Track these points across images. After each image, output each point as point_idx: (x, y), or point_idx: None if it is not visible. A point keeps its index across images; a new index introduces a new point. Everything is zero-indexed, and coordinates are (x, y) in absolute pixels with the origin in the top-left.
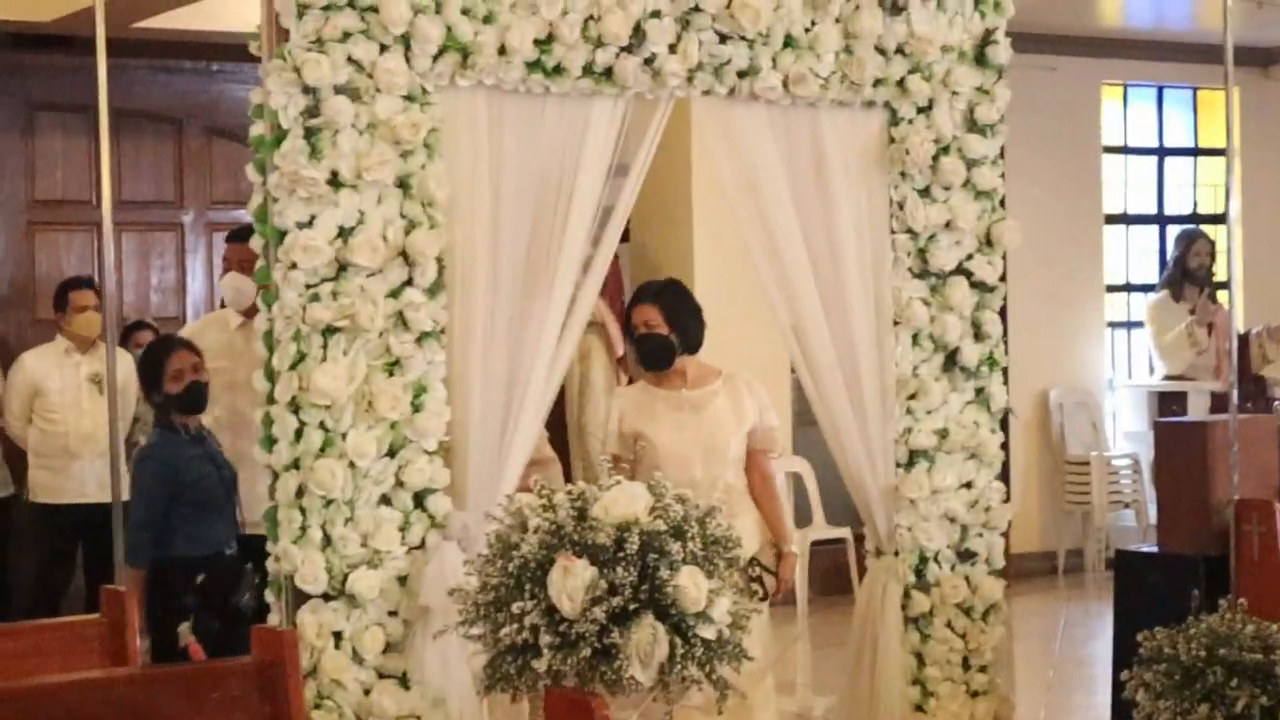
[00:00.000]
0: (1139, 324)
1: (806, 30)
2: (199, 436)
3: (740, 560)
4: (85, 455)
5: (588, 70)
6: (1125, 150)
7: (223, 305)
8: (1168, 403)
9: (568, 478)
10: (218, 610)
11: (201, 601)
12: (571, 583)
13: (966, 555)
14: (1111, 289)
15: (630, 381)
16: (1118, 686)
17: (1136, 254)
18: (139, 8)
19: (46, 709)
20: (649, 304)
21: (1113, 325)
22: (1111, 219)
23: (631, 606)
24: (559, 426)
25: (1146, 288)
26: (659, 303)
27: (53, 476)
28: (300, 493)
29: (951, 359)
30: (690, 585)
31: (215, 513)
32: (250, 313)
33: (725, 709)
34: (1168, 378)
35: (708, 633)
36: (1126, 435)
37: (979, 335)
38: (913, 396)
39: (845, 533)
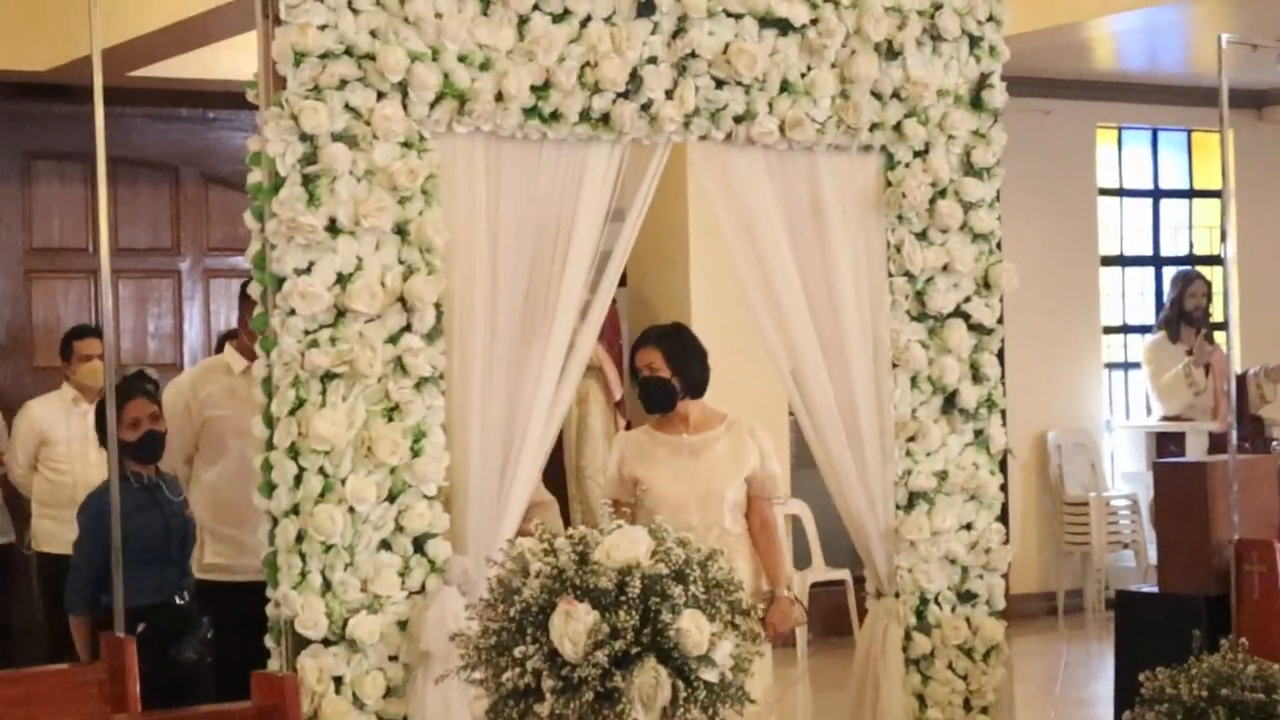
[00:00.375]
0: (1136, 365)
1: (802, 75)
2: (152, 485)
3: (741, 605)
4: None
5: (584, 116)
6: (1121, 192)
7: (219, 349)
8: (1165, 443)
9: (566, 520)
10: (155, 660)
11: (139, 650)
12: (573, 627)
13: (967, 596)
14: (1108, 330)
15: (629, 426)
16: None
17: (1133, 295)
18: (135, 56)
19: None
20: (652, 347)
21: (1110, 366)
22: (1107, 260)
23: (634, 650)
24: (556, 470)
25: (1143, 329)
26: (662, 346)
27: (59, 527)
28: (300, 538)
29: (950, 401)
30: (692, 628)
31: (159, 563)
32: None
33: None
34: (1165, 418)
35: (710, 675)
36: (1125, 476)
37: (977, 377)
38: (912, 439)
39: (845, 574)
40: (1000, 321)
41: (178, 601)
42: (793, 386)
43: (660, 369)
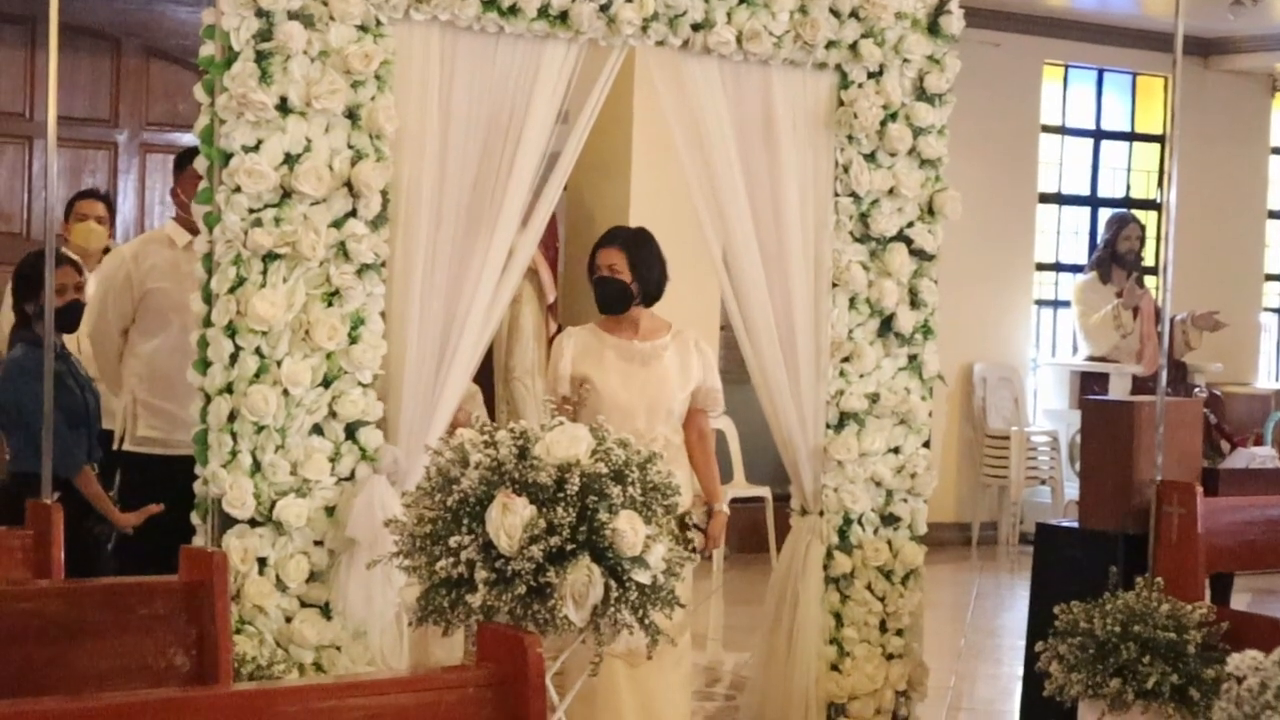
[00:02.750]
0: (1065, 304)
1: None
2: (64, 354)
3: (677, 509)
4: None
5: (543, 12)
6: (1063, 130)
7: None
8: (1089, 383)
9: (491, 417)
10: (70, 532)
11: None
12: (510, 520)
13: (890, 520)
14: (1041, 267)
15: (559, 329)
16: (1031, 657)
17: (1067, 234)
18: None
19: None
20: (616, 248)
21: (1040, 303)
22: (1045, 198)
23: (569, 547)
24: (485, 370)
25: (1075, 268)
26: (626, 249)
27: None
28: (232, 417)
29: (887, 324)
30: (628, 529)
31: (81, 430)
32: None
33: (653, 655)
34: (1091, 358)
35: (643, 577)
36: (1047, 413)
37: (915, 302)
38: (846, 359)
39: (765, 492)
40: None
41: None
42: (732, 300)
43: (621, 271)
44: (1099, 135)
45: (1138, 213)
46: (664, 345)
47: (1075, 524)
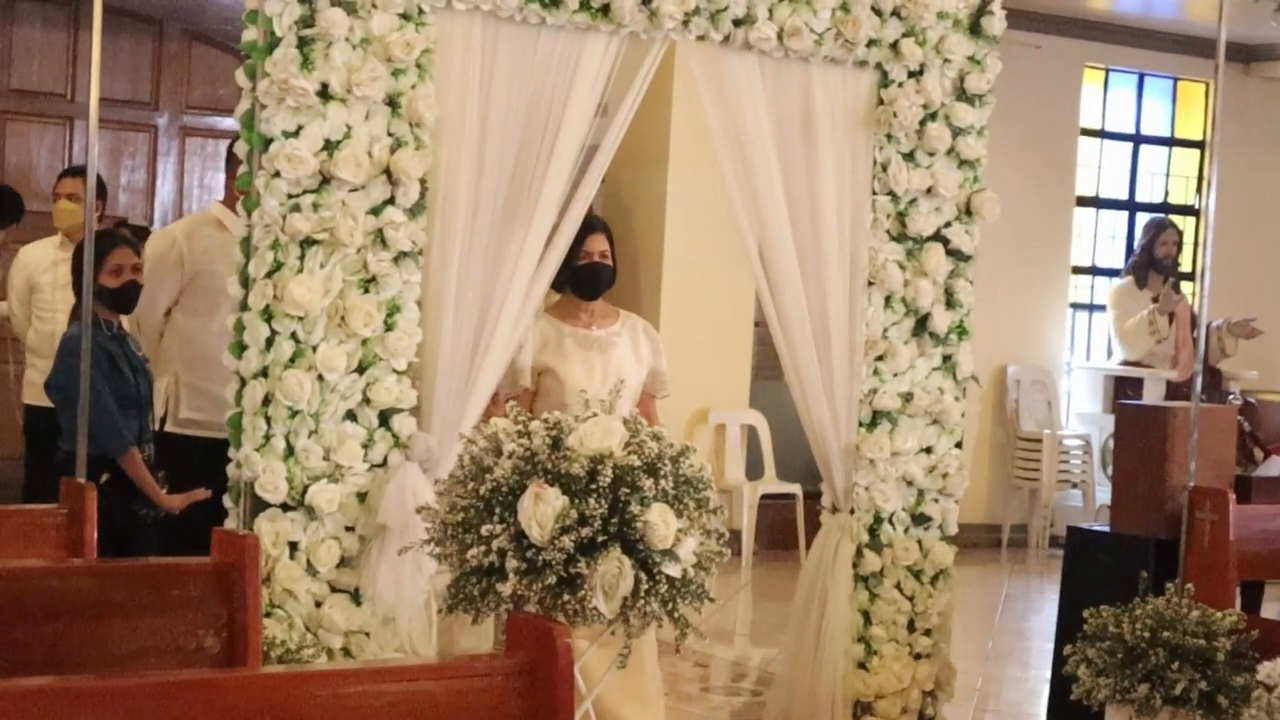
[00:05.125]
0: (1101, 307)
1: None
2: (119, 336)
3: (709, 503)
4: None
5: (584, 4)
6: (1102, 134)
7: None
8: (1123, 388)
9: None
10: (116, 513)
11: (102, 503)
12: (542, 510)
13: (920, 519)
14: (1077, 270)
15: None
16: (1059, 660)
17: (1104, 238)
18: None
19: (2, 593)
20: (601, 234)
21: (1075, 307)
22: (1083, 201)
23: (600, 538)
24: None
25: (1112, 272)
26: (608, 234)
27: (40, 377)
28: (267, 401)
29: (922, 324)
30: (659, 522)
31: (134, 411)
32: None
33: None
34: (1125, 363)
35: (673, 570)
36: (1080, 416)
37: (951, 303)
38: (880, 358)
39: (795, 489)
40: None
41: (143, 454)
42: (767, 296)
43: (609, 256)
44: (1138, 139)
45: (1176, 218)
46: (617, 331)
47: (1106, 528)
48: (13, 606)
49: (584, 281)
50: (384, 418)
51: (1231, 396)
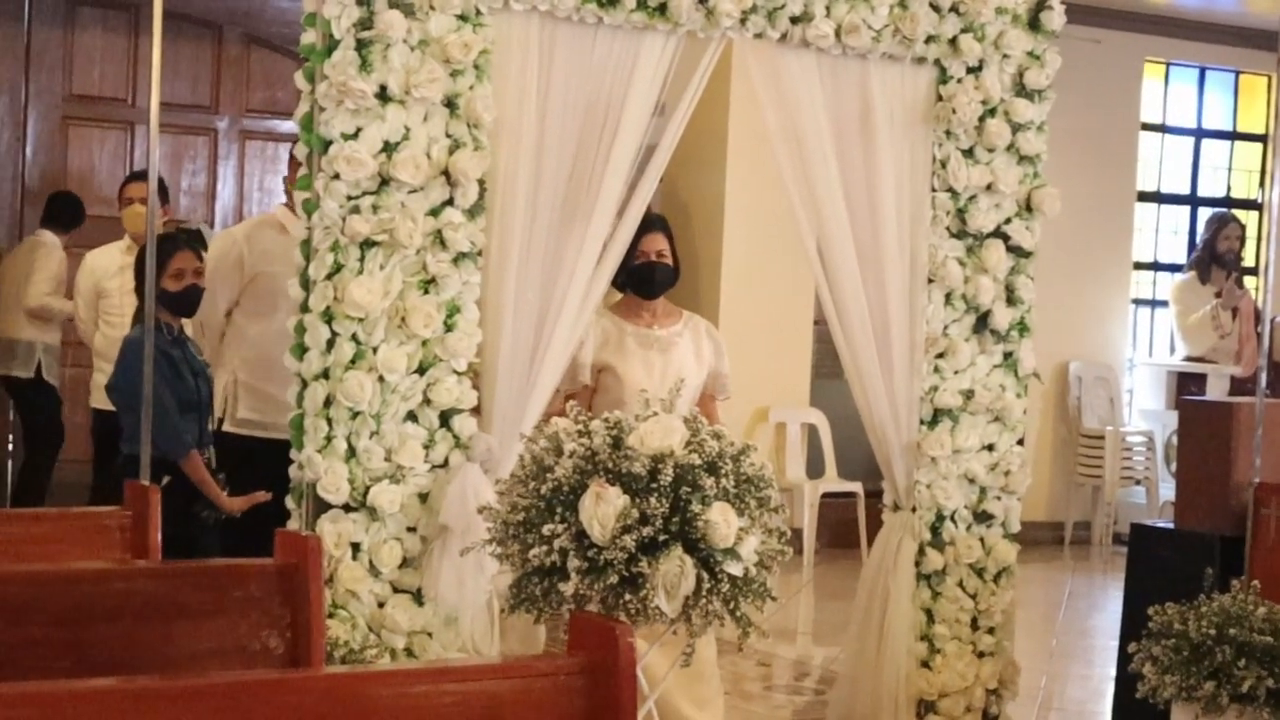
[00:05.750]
0: (1163, 303)
1: None
2: (180, 340)
3: (770, 502)
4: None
5: (641, 4)
6: (1163, 129)
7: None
8: (1186, 383)
9: None
10: (178, 516)
11: (164, 505)
12: (603, 509)
13: (983, 517)
14: (1139, 266)
15: None
16: (1124, 658)
17: (1166, 233)
18: None
19: (68, 595)
20: (659, 233)
21: (1137, 302)
22: (1144, 196)
23: (661, 537)
24: None
25: (1174, 268)
26: (666, 233)
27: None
28: (328, 403)
29: (983, 321)
30: (721, 521)
31: (194, 414)
32: None
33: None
34: (1188, 359)
35: (734, 569)
36: (1142, 413)
37: (1012, 299)
38: (941, 355)
39: (857, 487)
40: None
41: (203, 456)
42: (827, 294)
43: (668, 256)
44: (1200, 134)
45: (1238, 212)
46: (679, 331)
47: (1170, 525)
48: (79, 608)
49: (641, 281)
50: (445, 418)
51: None
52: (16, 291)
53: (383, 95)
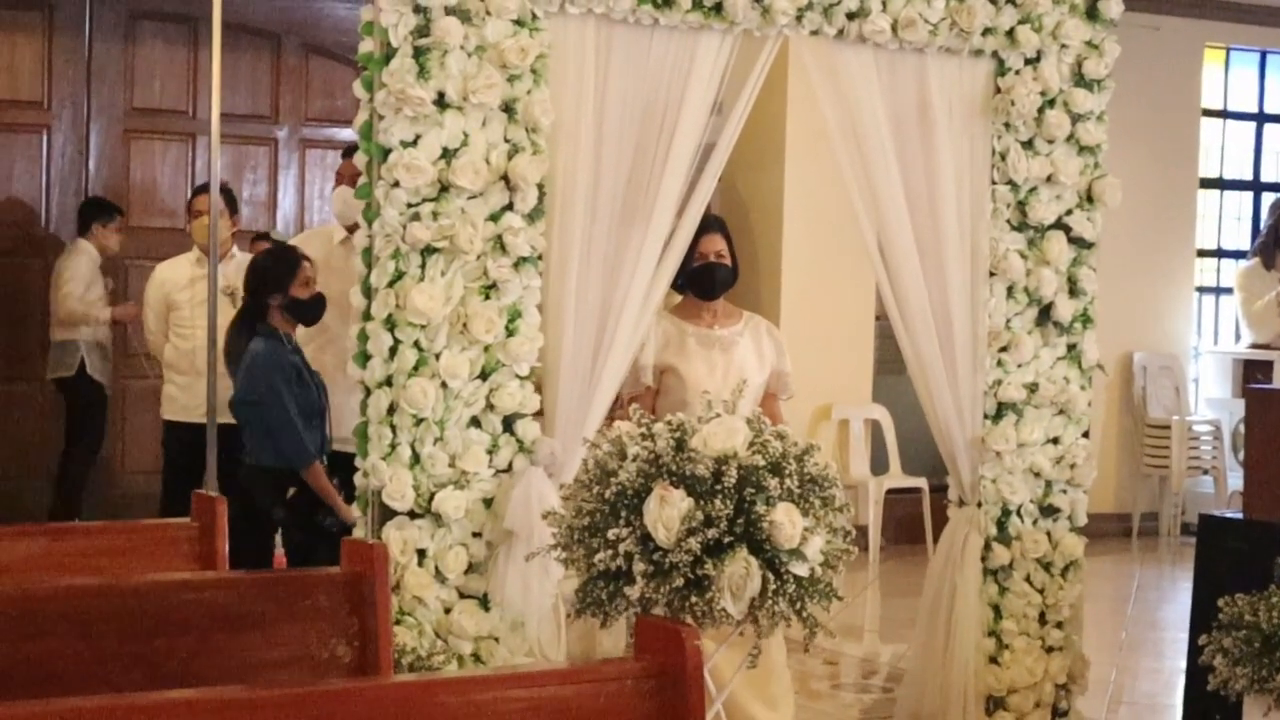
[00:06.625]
0: (1228, 290)
1: None
2: (298, 349)
3: (835, 501)
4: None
5: (697, 4)
6: (1225, 114)
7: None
8: (1252, 371)
9: None
10: (304, 525)
11: (289, 515)
12: (668, 512)
13: (1049, 511)
14: (1202, 254)
15: None
16: (1194, 650)
17: (1229, 220)
18: None
19: (137, 606)
20: (717, 234)
21: (1201, 290)
22: (1206, 183)
23: (726, 539)
24: None
25: (1238, 254)
26: (724, 233)
27: (180, 393)
28: (391, 410)
29: (1045, 313)
30: (785, 522)
31: (311, 427)
32: (355, 229)
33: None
34: (1254, 346)
35: (800, 570)
36: (1209, 401)
37: (1074, 291)
38: (1004, 349)
39: (921, 483)
40: None
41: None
42: (888, 290)
43: (725, 256)
44: (1262, 119)
45: None
46: (739, 331)
47: (1239, 515)
48: (149, 619)
49: (700, 282)
50: (508, 423)
51: None
52: (54, 300)
53: (441, 102)
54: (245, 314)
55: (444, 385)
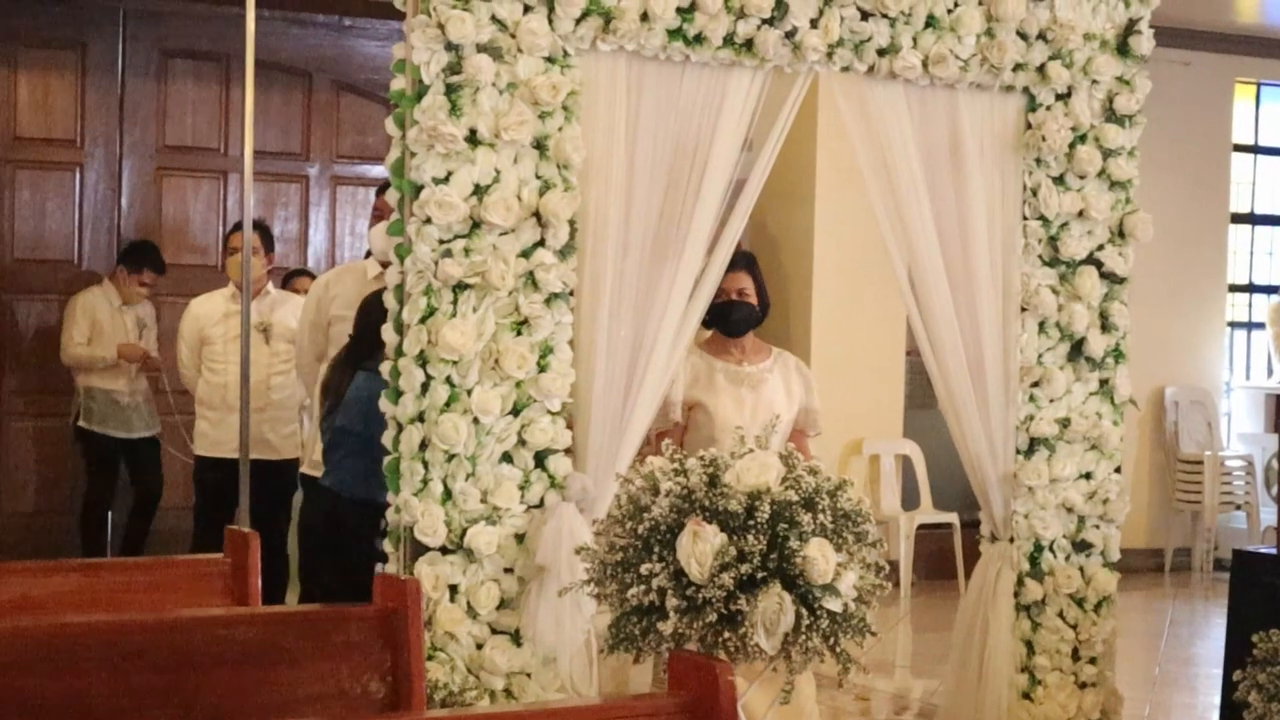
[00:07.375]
0: (1260, 325)
1: (949, 11)
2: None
3: (868, 537)
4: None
5: (728, 41)
6: (1256, 149)
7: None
8: None
9: None
10: (366, 554)
11: (364, 546)
12: (701, 548)
13: (1082, 546)
14: (1234, 288)
15: None
16: (1229, 686)
17: (1261, 255)
18: None
19: (170, 642)
20: (744, 272)
21: (1233, 325)
22: (1238, 218)
23: (759, 575)
24: None
25: (1270, 289)
26: (751, 272)
27: (212, 429)
28: (423, 446)
29: (1077, 348)
30: (819, 557)
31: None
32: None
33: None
34: None
35: (834, 605)
36: (1241, 437)
37: (1106, 326)
38: (1036, 384)
39: (952, 518)
40: None
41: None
42: (919, 325)
43: (750, 294)
44: None
45: None
46: (768, 368)
47: (1273, 550)
48: (182, 655)
49: (721, 319)
50: (539, 459)
51: None
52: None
53: (473, 139)
54: (352, 350)
55: (476, 421)
